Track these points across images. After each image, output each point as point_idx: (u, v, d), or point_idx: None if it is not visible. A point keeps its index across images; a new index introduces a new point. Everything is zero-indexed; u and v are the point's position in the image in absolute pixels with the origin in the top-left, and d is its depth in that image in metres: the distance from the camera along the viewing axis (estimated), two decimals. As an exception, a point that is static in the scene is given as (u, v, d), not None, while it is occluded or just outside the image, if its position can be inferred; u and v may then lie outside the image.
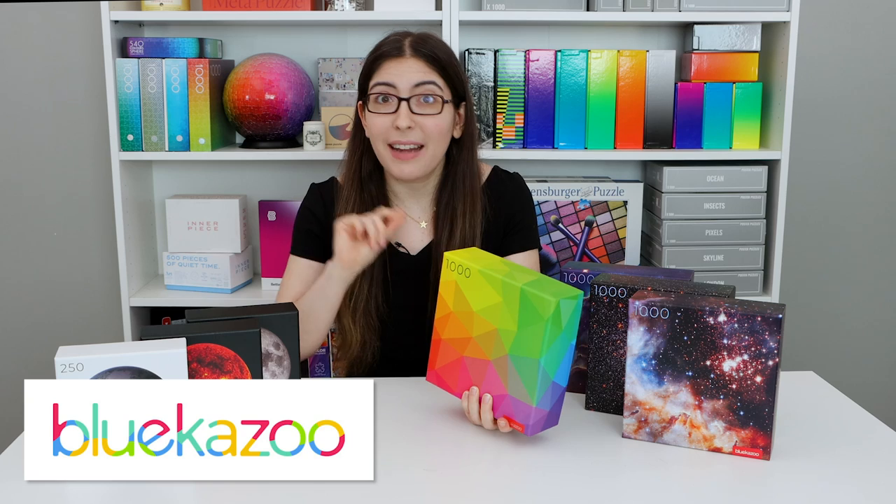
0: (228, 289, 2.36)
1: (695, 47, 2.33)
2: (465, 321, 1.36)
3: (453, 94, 1.69)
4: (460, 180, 1.72)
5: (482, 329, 1.34)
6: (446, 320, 1.39)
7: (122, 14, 2.25)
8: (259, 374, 1.32)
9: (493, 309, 1.33)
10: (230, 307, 1.44)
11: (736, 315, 1.26)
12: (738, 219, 2.35)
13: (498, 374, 1.33)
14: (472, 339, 1.36)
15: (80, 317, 2.63)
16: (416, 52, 1.65)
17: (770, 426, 1.27)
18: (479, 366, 1.36)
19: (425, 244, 1.76)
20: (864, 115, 2.62)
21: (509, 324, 1.31)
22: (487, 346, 1.34)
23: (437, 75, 1.65)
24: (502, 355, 1.32)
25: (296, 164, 2.51)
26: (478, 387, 1.36)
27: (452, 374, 1.40)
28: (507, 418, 1.33)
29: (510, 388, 1.32)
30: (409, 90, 1.64)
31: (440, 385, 1.43)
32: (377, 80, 1.66)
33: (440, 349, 1.41)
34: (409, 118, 1.63)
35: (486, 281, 1.33)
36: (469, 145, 1.74)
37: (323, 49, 2.49)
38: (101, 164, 2.53)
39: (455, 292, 1.37)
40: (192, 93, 2.28)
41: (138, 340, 1.28)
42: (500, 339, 1.32)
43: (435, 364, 1.42)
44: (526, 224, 1.78)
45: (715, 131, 2.34)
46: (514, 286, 1.30)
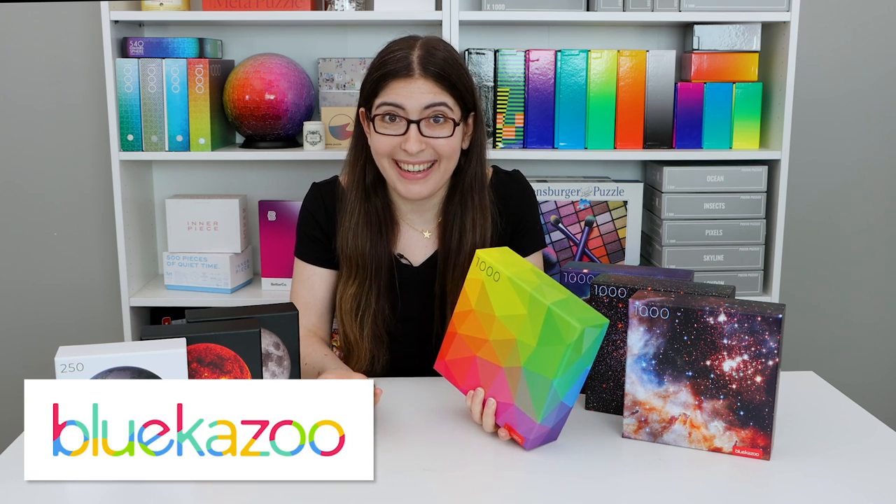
0: (228, 289, 2.36)
1: (695, 47, 2.33)
2: (484, 322, 1.35)
3: (463, 111, 1.62)
4: (468, 192, 1.67)
5: (501, 335, 1.32)
6: (466, 316, 1.37)
7: (122, 14, 2.25)
8: (259, 374, 1.32)
9: (515, 319, 1.30)
10: (230, 307, 1.44)
11: (736, 315, 1.26)
12: (738, 219, 2.35)
13: (507, 383, 1.32)
14: (489, 341, 1.34)
15: (80, 317, 2.63)
16: (425, 72, 1.56)
17: (770, 426, 1.27)
18: (490, 369, 1.35)
19: (428, 255, 1.73)
20: (864, 115, 2.62)
21: (529, 338, 1.29)
22: (503, 353, 1.32)
23: (447, 95, 1.58)
24: (516, 366, 1.30)
25: (296, 164, 2.51)
26: (485, 389, 1.35)
27: (462, 369, 1.39)
28: (508, 427, 1.32)
29: (517, 400, 1.30)
30: (419, 112, 1.56)
31: (446, 375, 1.42)
32: (384, 99, 1.58)
33: (454, 342, 1.40)
34: (420, 141, 1.57)
35: (514, 290, 1.30)
36: (477, 153, 1.68)
37: (323, 49, 2.49)
38: (101, 164, 2.53)
39: (480, 291, 1.35)
40: (192, 93, 2.28)
41: (138, 340, 1.28)
42: (517, 350, 1.30)
43: (446, 354, 1.41)
44: (532, 225, 1.76)
45: (715, 131, 2.34)
46: (541, 303, 1.27)
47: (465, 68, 1.64)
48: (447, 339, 1.41)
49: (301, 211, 1.77)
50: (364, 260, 1.67)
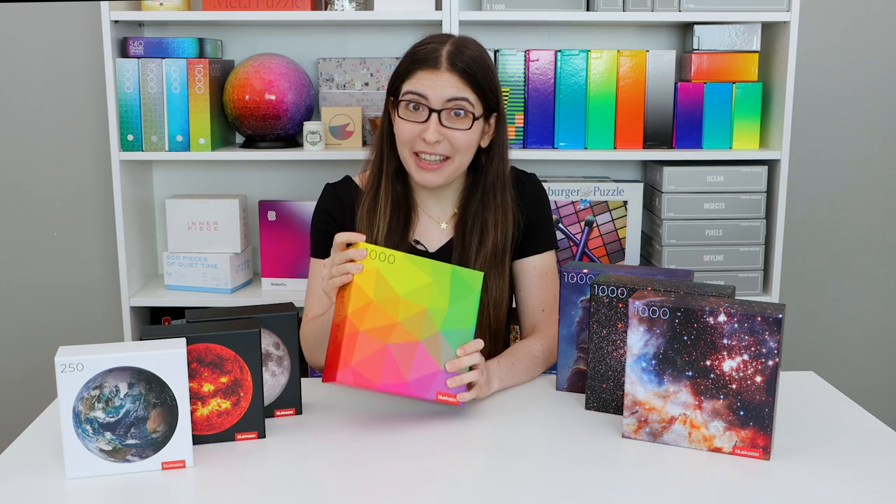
0: (228, 289, 2.36)
1: (695, 47, 2.33)
2: (389, 307, 1.37)
3: (485, 108, 1.67)
4: (490, 191, 1.72)
5: (410, 311, 1.38)
6: (365, 311, 1.36)
7: (122, 14, 2.25)
8: (259, 374, 1.32)
9: (422, 290, 1.39)
10: (230, 307, 1.44)
11: (736, 315, 1.26)
12: (738, 219, 2.35)
13: (429, 353, 1.39)
14: (398, 323, 1.38)
15: (80, 317, 2.63)
16: (451, 66, 1.62)
17: (770, 426, 1.27)
18: (406, 350, 1.38)
19: (444, 243, 1.76)
20: (864, 115, 2.62)
21: (440, 301, 1.40)
22: (416, 328, 1.38)
23: (470, 91, 1.63)
24: (433, 333, 1.39)
25: (296, 164, 2.51)
26: (404, 373, 1.38)
27: (373, 366, 1.36)
28: (441, 395, 1.40)
29: (443, 363, 1.40)
30: (441, 104, 1.62)
31: (354, 383, 1.35)
32: (410, 88, 1.64)
33: (358, 342, 1.35)
34: (438, 132, 1.62)
35: (414, 264, 1.39)
36: (499, 153, 1.72)
37: (323, 49, 2.49)
38: (101, 164, 2.53)
39: (376, 280, 1.37)
40: (192, 93, 2.28)
41: (138, 340, 1.28)
42: (431, 318, 1.39)
43: (351, 360, 1.34)
44: (545, 226, 1.79)
45: (715, 131, 2.34)
46: (444, 267, 1.40)
47: (493, 70, 1.69)
48: (347, 343, 1.34)
49: (315, 211, 1.79)
50: (379, 240, 1.70)
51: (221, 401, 1.31)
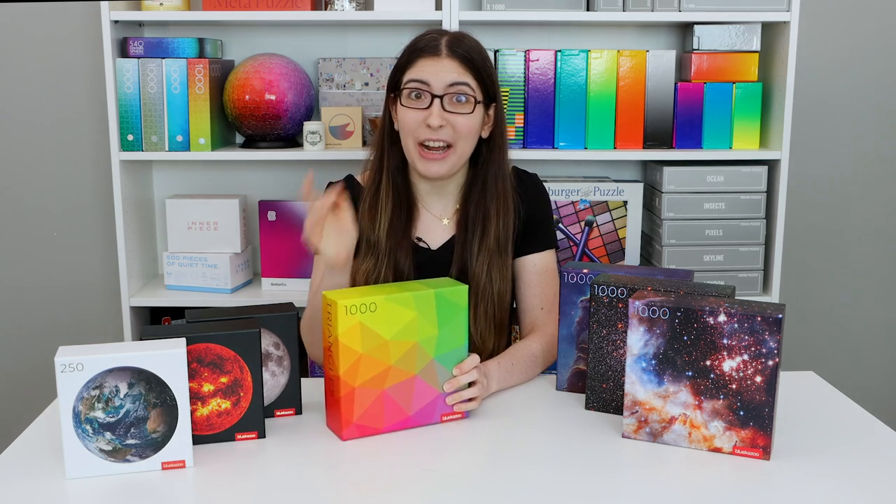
0: (228, 289, 2.36)
1: (695, 47, 2.33)
2: (379, 355, 1.35)
3: (485, 96, 1.70)
4: (492, 181, 1.73)
5: (401, 351, 1.36)
6: (356, 367, 1.34)
7: (122, 14, 2.25)
8: (259, 374, 1.32)
9: (409, 326, 1.36)
10: (230, 307, 1.44)
11: (736, 315, 1.26)
12: (738, 219, 2.35)
13: (427, 383, 1.39)
14: (392, 366, 1.36)
15: (80, 317, 2.63)
16: (451, 53, 1.66)
17: (770, 426, 1.27)
18: (404, 387, 1.37)
19: (446, 240, 1.77)
20: (864, 115, 2.62)
21: (429, 330, 1.37)
22: (410, 364, 1.37)
23: (470, 76, 1.66)
24: (427, 363, 1.38)
25: (296, 164, 2.51)
26: (406, 410, 1.38)
27: (375, 415, 1.36)
28: (444, 416, 1.40)
29: (441, 386, 1.40)
30: (443, 89, 1.64)
31: (360, 435, 1.36)
32: (411, 76, 1.67)
33: (355, 399, 1.34)
34: (441, 117, 1.64)
35: (396, 303, 1.34)
36: (500, 145, 1.74)
37: (323, 49, 2.49)
38: (101, 164, 2.53)
39: (361, 333, 1.33)
40: (192, 93, 2.28)
41: (138, 340, 1.28)
42: (423, 350, 1.38)
43: (352, 418, 1.34)
44: (545, 225, 1.79)
45: (715, 131, 2.34)
46: (426, 294, 1.36)
47: (490, 61, 1.73)
48: (345, 403, 1.33)
49: None
50: (381, 237, 1.71)
51: (221, 401, 1.31)
